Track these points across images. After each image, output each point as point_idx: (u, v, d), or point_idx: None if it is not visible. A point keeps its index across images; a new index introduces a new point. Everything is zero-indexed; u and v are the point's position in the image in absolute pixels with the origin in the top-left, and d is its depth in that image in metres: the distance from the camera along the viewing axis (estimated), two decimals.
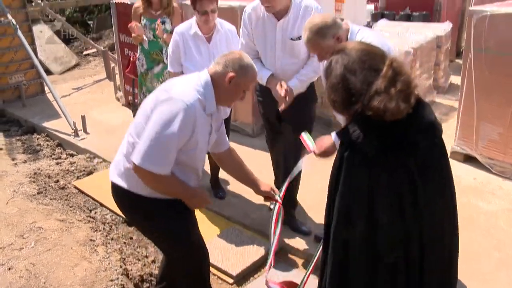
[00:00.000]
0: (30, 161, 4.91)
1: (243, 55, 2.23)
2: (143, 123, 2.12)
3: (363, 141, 1.61)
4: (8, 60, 6.73)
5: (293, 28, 2.99)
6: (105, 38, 11.21)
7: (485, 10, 3.99)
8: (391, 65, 1.60)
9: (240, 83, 2.19)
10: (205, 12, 3.20)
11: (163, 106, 2.04)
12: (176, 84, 2.17)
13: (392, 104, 1.53)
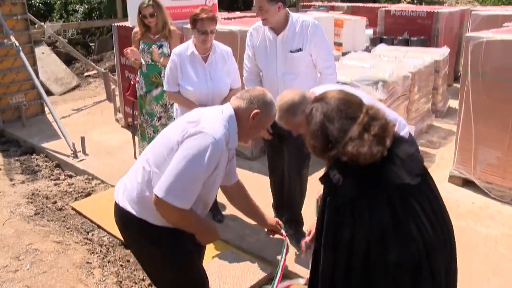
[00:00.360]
0: (28, 182, 4.90)
1: (266, 92, 2.25)
2: (165, 154, 2.08)
3: (343, 184, 1.70)
4: (9, 81, 6.78)
5: (292, 41, 3.18)
6: (106, 60, 11.32)
7: (481, 36, 4.05)
8: (367, 112, 1.73)
9: (262, 120, 2.21)
10: (205, 31, 3.28)
11: (192, 141, 2.02)
12: (204, 116, 2.14)
13: (365, 149, 1.65)
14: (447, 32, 7.92)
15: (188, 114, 2.25)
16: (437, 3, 18.97)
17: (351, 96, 1.85)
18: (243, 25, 5.16)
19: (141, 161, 2.23)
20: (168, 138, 2.13)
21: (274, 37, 3.23)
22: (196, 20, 3.29)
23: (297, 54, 3.16)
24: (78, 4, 14.30)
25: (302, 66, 3.22)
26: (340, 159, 1.71)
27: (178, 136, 2.06)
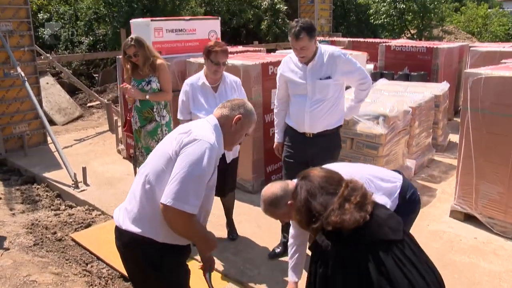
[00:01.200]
0: (28, 212, 4.88)
1: (246, 101, 2.48)
2: (163, 166, 2.17)
3: (332, 249, 1.90)
4: (14, 110, 6.86)
5: (320, 70, 3.49)
6: (109, 91, 11.46)
7: (480, 73, 4.12)
8: (347, 185, 1.99)
9: (244, 125, 2.38)
10: (217, 63, 3.55)
11: (189, 148, 2.13)
12: (193, 128, 2.26)
13: (347, 216, 1.87)
14: (446, 67, 8.04)
15: (178, 128, 2.35)
16: (436, 38, 19.32)
17: (332, 173, 2.11)
18: (246, 59, 5.25)
19: (139, 180, 2.28)
20: (163, 150, 2.23)
21: (304, 67, 3.52)
22: (210, 51, 3.56)
23: (326, 81, 3.48)
24: (84, 36, 14.56)
25: (330, 92, 3.52)
26: (325, 229, 1.92)
27: (175, 147, 2.17)
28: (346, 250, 1.90)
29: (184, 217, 2.09)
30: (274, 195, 2.51)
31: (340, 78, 3.54)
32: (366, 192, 2.00)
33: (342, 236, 1.89)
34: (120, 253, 2.36)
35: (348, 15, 19.68)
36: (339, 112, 3.66)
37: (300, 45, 3.37)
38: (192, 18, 6.22)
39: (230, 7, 17.46)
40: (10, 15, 6.67)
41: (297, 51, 3.43)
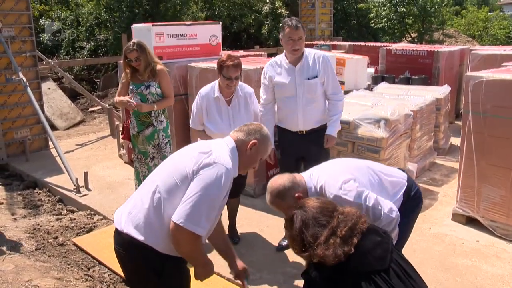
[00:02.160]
0: (30, 217, 4.88)
1: (263, 126, 2.48)
2: (178, 181, 2.16)
3: (320, 280, 2.02)
4: (15, 115, 6.88)
5: (308, 70, 3.69)
6: (110, 96, 11.48)
7: (481, 76, 4.12)
8: (337, 217, 2.06)
9: (260, 150, 2.39)
10: (229, 78, 3.56)
11: (208, 171, 2.14)
12: (214, 149, 2.26)
13: (330, 252, 1.95)
14: (447, 71, 8.04)
15: (199, 145, 2.36)
16: (437, 42, 19.34)
17: (327, 204, 2.17)
18: (247, 64, 5.26)
19: (147, 187, 2.26)
20: (180, 166, 2.20)
21: (292, 68, 3.70)
22: (222, 66, 3.57)
23: (313, 80, 3.68)
24: (85, 41, 14.62)
25: (318, 91, 3.72)
26: (313, 260, 2.03)
27: (193, 166, 2.16)
28: (331, 283, 2.00)
29: (192, 238, 2.09)
30: (282, 186, 2.53)
31: (323, 77, 3.75)
32: (356, 222, 2.05)
33: (328, 268, 1.98)
34: (118, 257, 2.34)
35: (348, 19, 19.73)
36: None
37: (298, 35, 3.57)
38: (193, 23, 6.24)
39: (231, 11, 17.53)
40: (12, 21, 6.70)
41: (294, 42, 3.58)
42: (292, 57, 3.71)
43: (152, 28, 5.50)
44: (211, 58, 6.02)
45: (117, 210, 2.40)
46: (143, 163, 4.46)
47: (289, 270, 3.71)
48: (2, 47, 6.50)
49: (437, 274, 3.60)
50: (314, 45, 10.40)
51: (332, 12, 15.72)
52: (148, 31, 5.49)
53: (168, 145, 4.44)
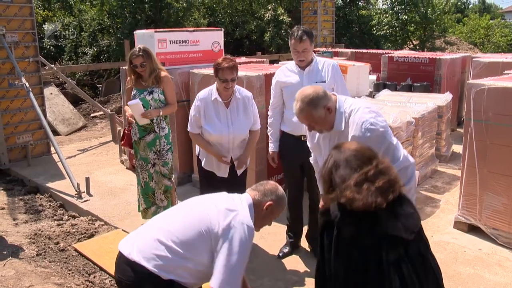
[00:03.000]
0: (31, 222, 4.88)
1: (278, 186, 2.54)
2: (196, 238, 2.24)
3: (339, 222, 1.90)
4: (18, 120, 6.89)
5: (316, 74, 3.74)
6: (112, 101, 11.51)
7: (483, 84, 4.13)
8: (376, 166, 1.94)
9: (274, 211, 2.48)
10: (225, 80, 3.53)
11: (238, 234, 2.23)
12: (238, 205, 2.36)
13: (361, 196, 1.84)
14: (449, 78, 8.04)
15: (224, 200, 2.42)
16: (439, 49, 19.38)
17: (365, 150, 2.04)
18: (249, 70, 5.28)
19: (160, 228, 2.34)
20: (204, 215, 2.29)
21: (301, 72, 3.74)
22: (217, 69, 3.54)
23: (321, 84, 3.55)
24: (88, 47, 14.68)
25: None
26: (339, 201, 1.91)
27: (222, 222, 2.25)
28: (350, 228, 1.88)
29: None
30: (316, 94, 2.52)
31: (332, 84, 3.76)
32: (396, 181, 1.93)
33: (353, 214, 1.86)
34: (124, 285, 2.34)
35: (350, 26, 19.80)
36: None
37: (303, 47, 3.62)
38: (196, 29, 6.26)
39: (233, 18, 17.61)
40: (15, 26, 6.74)
41: (299, 53, 3.65)
42: (300, 64, 3.77)
43: (154, 34, 5.52)
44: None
45: (124, 242, 2.45)
46: (144, 169, 4.46)
47: (290, 277, 3.71)
48: (5, 52, 6.53)
49: None
50: (316, 52, 10.43)
51: (334, 19, 15.78)
52: (151, 37, 5.51)
53: (170, 151, 4.44)
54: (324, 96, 2.56)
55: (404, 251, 1.84)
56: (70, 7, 16.55)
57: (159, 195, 4.46)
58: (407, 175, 2.51)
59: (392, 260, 1.82)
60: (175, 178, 5.35)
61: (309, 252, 4.05)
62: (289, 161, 3.91)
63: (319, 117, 2.55)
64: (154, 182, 4.45)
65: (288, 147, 3.87)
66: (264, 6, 17.89)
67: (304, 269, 3.83)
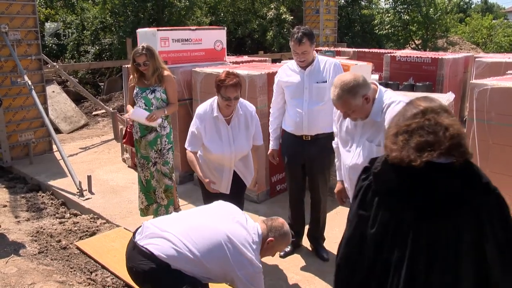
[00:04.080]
0: (33, 219, 4.89)
1: (284, 223, 2.79)
2: (214, 255, 2.48)
3: (378, 173, 1.79)
4: (20, 118, 6.90)
5: (318, 74, 3.68)
6: (114, 100, 11.51)
7: (486, 84, 4.11)
8: (426, 121, 1.71)
9: (275, 247, 2.75)
10: (228, 98, 3.33)
11: (248, 272, 2.53)
12: (252, 238, 2.63)
13: (394, 147, 1.70)
14: (451, 78, 8.03)
15: (244, 232, 2.63)
16: (441, 49, 19.35)
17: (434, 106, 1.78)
18: (251, 69, 5.28)
19: (187, 241, 2.52)
20: (223, 248, 2.52)
21: (302, 71, 3.70)
22: (220, 86, 3.33)
23: (323, 85, 3.66)
24: (90, 45, 14.68)
25: (326, 96, 3.63)
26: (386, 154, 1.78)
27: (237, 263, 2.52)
28: (387, 183, 1.76)
29: None
30: (356, 82, 2.44)
31: None
32: (441, 143, 1.66)
33: (394, 168, 1.71)
34: (137, 274, 2.52)
35: (352, 25, 19.77)
36: None
37: (302, 50, 3.58)
38: (198, 28, 6.26)
39: (236, 17, 17.59)
40: (18, 24, 6.75)
41: (298, 55, 3.63)
42: (301, 64, 3.73)
43: (157, 32, 5.52)
44: (216, 63, 6.04)
45: (142, 231, 2.67)
46: (145, 168, 4.46)
47: (292, 276, 3.71)
48: (8, 50, 6.54)
49: None
50: (318, 51, 10.42)
51: (337, 18, 15.77)
52: (153, 35, 5.51)
53: (171, 151, 4.44)
54: (364, 85, 2.49)
55: (430, 223, 1.67)
56: (72, 5, 16.56)
57: (160, 194, 4.47)
58: None
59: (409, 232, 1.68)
60: (177, 177, 5.36)
61: (310, 251, 4.05)
62: (291, 160, 3.89)
63: (356, 106, 2.49)
64: (156, 180, 4.45)
65: (290, 147, 3.86)
66: (267, 5, 17.87)
67: (306, 268, 3.83)
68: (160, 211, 4.50)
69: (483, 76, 5.75)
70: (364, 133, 2.70)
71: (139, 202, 4.63)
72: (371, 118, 2.64)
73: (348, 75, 2.53)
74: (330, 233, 4.23)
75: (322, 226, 4.03)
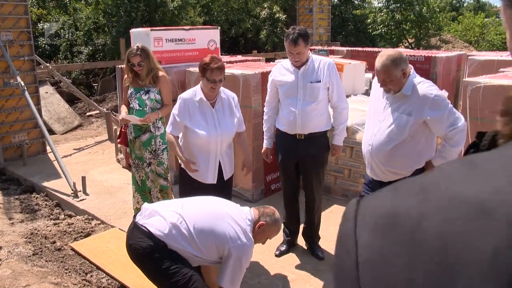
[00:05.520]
0: (27, 221, 4.86)
1: (275, 211, 2.91)
2: (211, 241, 2.63)
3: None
4: (13, 119, 6.86)
5: (312, 74, 3.68)
6: (108, 100, 11.47)
7: (479, 81, 4.14)
8: None
9: (266, 231, 2.84)
10: (214, 81, 3.37)
11: (242, 243, 2.65)
12: (246, 223, 2.75)
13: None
14: (444, 76, 8.06)
15: (238, 214, 2.78)
16: (434, 47, 19.44)
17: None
18: (245, 68, 5.28)
19: (187, 222, 2.66)
20: (220, 233, 2.63)
21: (296, 71, 3.70)
22: (205, 69, 3.38)
23: (317, 84, 3.67)
24: (83, 46, 14.62)
25: (320, 95, 3.68)
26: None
27: (233, 241, 2.63)
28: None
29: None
30: (400, 56, 2.85)
31: (328, 84, 3.73)
32: None
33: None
34: (135, 251, 2.62)
35: (346, 24, 19.82)
36: (328, 116, 3.84)
37: (297, 51, 3.58)
38: (192, 28, 6.25)
39: (229, 16, 17.57)
40: (10, 24, 6.70)
41: (293, 56, 3.63)
42: (296, 64, 3.72)
43: (150, 32, 5.51)
44: None
45: (146, 208, 2.79)
46: (140, 168, 4.45)
47: (287, 275, 3.71)
48: (0, 51, 6.50)
49: None
50: (312, 50, 10.42)
51: (330, 17, 15.78)
52: (147, 35, 5.50)
53: (165, 151, 4.43)
54: (405, 61, 2.89)
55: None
56: (65, 5, 16.47)
57: (156, 193, 4.47)
58: (461, 134, 2.95)
59: None
60: (172, 176, 5.34)
61: (306, 250, 4.06)
62: (284, 159, 3.89)
63: (395, 76, 2.84)
64: (151, 181, 4.45)
65: (283, 146, 3.86)
66: (260, 4, 17.88)
67: (301, 267, 3.84)
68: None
69: (476, 74, 5.77)
70: (393, 103, 3.03)
71: (133, 202, 4.62)
72: (402, 92, 2.97)
73: (394, 50, 2.98)
74: (325, 232, 4.24)
75: (317, 225, 4.04)
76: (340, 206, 5.02)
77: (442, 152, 3.02)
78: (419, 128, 2.96)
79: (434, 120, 2.90)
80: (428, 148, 3.04)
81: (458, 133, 2.90)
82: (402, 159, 3.00)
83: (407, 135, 2.94)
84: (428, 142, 3.03)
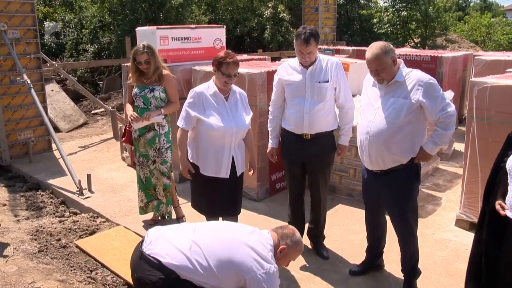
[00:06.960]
0: (32, 218, 4.88)
1: (295, 231, 2.75)
2: (230, 271, 2.45)
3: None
4: (19, 117, 6.89)
5: (319, 74, 3.68)
6: (113, 98, 11.50)
7: (485, 82, 4.12)
8: None
9: (288, 255, 2.69)
10: (229, 75, 3.43)
11: (268, 281, 2.50)
12: (266, 251, 2.57)
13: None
14: (451, 76, 8.03)
15: (258, 244, 2.59)
16: (440, 47, 19.35)
17: None
18: (251, 67, 5.27)
19: (196, 250, 2.48)
20: (239, 263, 2.47)
21: (304, 70, 3.69)
22: (221, 63, 3.42)
23: (324, 84, 3.67)
24: (89, 44, 14.66)
25: (327, 95, 3.69)
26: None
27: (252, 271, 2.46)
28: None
29: None
30: (388, 45, 3.06)
31: (335, 84, 3.73)
32: None
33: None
34: (145, 286, 2.46)
35: (352, 24, 19.77)
36: (334, 116, 3.84)
37: (308, 50, 3.58)
38: (198, 27, 6.25)
39: (234, 15, 17.57)
40: (17, 22, 6.73)
41: (304, 55, 3.61)
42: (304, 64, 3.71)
43: (156, 31, 5.51)
44: None
45: (154, 237, 2.62)
46: (144, 166, 4.46)
47: (293, 274, 3.71)
48: (7, 48, 6.53)
49: (440, 279, 3.58)
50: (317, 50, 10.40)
51: (336, 16, 15.77)
52: (153, 34, 5.50)
53: (169, 150, 4.43)
54: (392, 50, 3.08)
55: None
56: (70, 4, 16.53)
57: (161, 191, 4.48)
58: (454, 122, 3.15)
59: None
60: (176, 175, 5.35)
61: (310, 250, 4.05)
62: (290, 159, 3.89)
63: (386, 63, 3.03)
64: (155, 178, 4.46)
65: (289, 145, 3.85)
66: (265, 3, 17.86)
67: (306, 266, 3.83)
68: (161, 208, 4.52)
69: (482, 74, 5.74)
70: (388, 92, 3.18)
71: (138, 200, 4.63)
72: (396, 80, 3.13)
73: (381, 41, 3.15)
74: (330, 232, 4.23)
75: (322, 225, 4.03)
76: (345, 206, 5.00)
77: (434, 137, 3.20)
78: (414, 116, 3.13)
79: (429, 103, 3.06)
80: (422, 138, 3.26)
81: (449, 117, 3.08)
82: (401, 144, 3.18)
83: (404, 118, 3.10)
84: (421, 132, 3.26)
